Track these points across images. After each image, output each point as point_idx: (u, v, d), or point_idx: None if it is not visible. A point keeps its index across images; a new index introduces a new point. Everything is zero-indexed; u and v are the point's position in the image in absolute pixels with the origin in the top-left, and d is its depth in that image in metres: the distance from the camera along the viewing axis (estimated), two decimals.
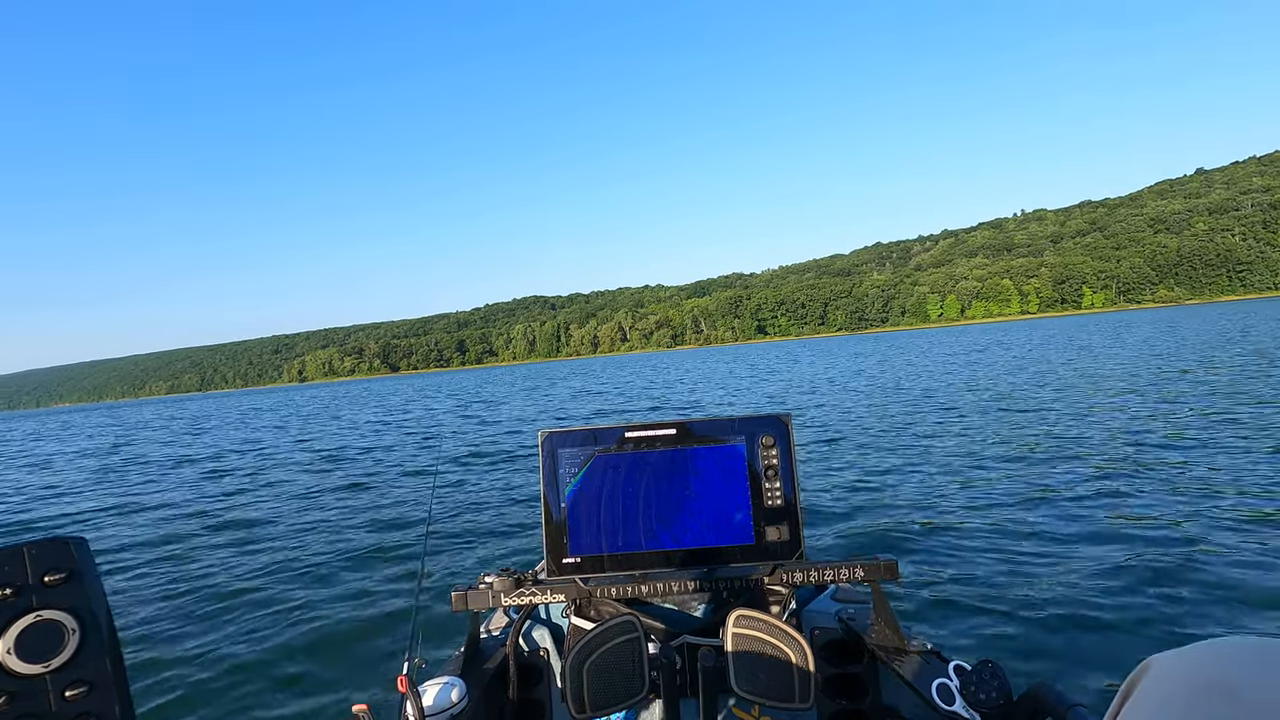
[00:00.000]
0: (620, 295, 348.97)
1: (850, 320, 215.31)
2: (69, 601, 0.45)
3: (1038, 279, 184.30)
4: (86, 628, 0.45)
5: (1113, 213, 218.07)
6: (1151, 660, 0.47)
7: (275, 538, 6.98)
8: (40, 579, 0.44)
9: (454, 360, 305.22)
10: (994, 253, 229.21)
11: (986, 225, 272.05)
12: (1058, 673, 3.06)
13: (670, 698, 1.22)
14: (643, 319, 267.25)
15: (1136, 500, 5.66)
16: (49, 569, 0.44)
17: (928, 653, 1.39)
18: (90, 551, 0.46)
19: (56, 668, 0.44)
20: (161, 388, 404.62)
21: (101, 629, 0.46)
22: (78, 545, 0.46)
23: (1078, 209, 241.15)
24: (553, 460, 1.41)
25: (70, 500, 11.27)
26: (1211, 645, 0.45)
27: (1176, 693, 0.43)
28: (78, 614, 0.45)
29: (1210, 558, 4.21)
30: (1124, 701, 0.47)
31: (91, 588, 0.46)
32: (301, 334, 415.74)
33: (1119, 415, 10.20)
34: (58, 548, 0.45)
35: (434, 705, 1.27)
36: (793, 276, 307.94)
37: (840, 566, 1.41)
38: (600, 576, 1.42)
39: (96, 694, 0.44)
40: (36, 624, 0.43)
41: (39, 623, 0.44)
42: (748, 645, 1.16)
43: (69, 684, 0.44)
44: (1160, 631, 3.36)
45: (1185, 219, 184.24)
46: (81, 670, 0.44)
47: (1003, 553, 4.68)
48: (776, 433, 1.42)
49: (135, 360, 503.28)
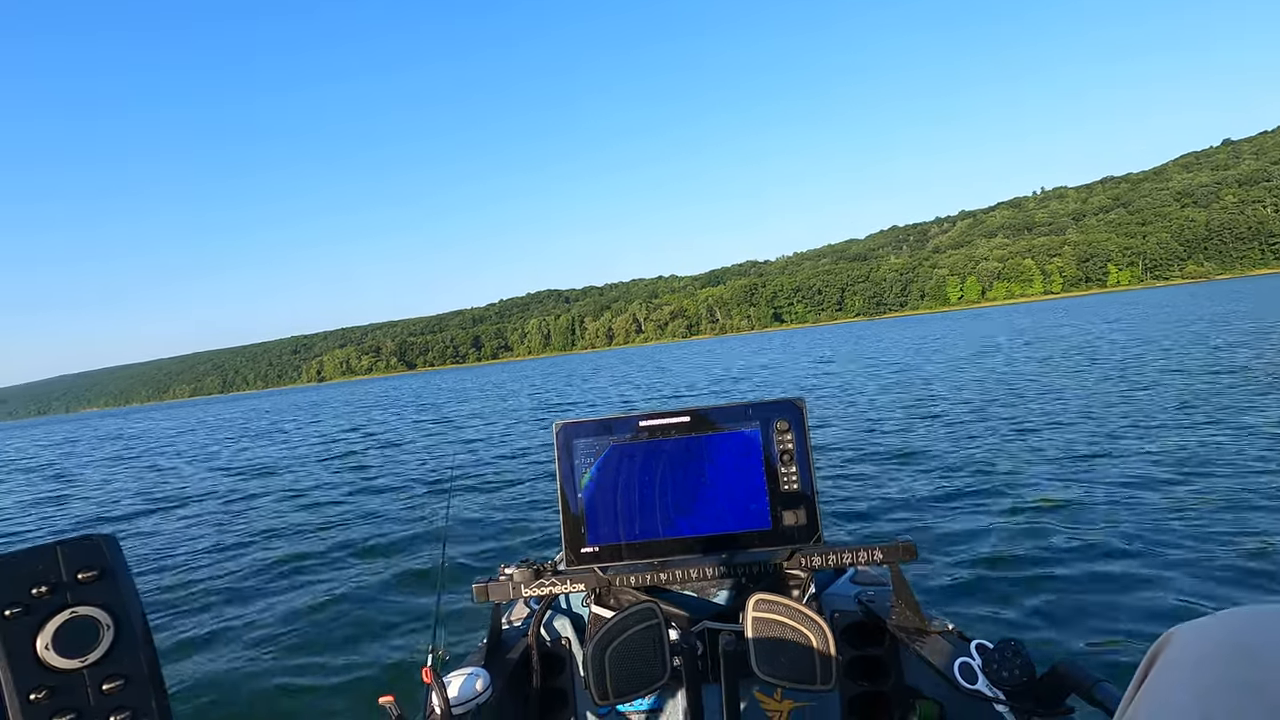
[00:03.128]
0: (634, 286, 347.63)
1: (868, 305, 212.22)
2: (102, 598, 0.45)
3: (1061, 258, 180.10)
4: (120, 623, 0.46)
5: (1136, 187, 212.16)
6: (1174, 630, 0.47)
7: (295, 536, 6.97)
8: (74, 576, 0.45)
9: (470, 356, 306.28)
10: (1014, 232, 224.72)
11: (1005, 205, 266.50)
12: (1081, 651, 3.06)
13: (692, 683, 1.22)
14: (657, 310, 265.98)
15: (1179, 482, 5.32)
16: (82, 567, 0.45)
17: (949, 633, 1.38)
18: (121, 549, 0.47)
19: (93, 662, 0.44)
20: (185, 390, 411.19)
21: (135, 624, 0.46)
22: (109, 543, 0.47)
23: (1100, 185, 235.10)
24: (568, 451, 1.41)
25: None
26: (1234, 613, 0.44)
27: (1200, 660, 0.43)
28: (111, 610, 0.45)
29: (1250, 539, 4.00)
30: (1147, 672, 0.47)
31: (124, 584, 0.46)
32: (320, 334, 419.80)
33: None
34: (90, 546, 0.45)
35: (459, 695, 1.27)
36: (808, 263, 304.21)
37: (858, 549, 1.40)
38: (619, 565, 1.42)
39: (133, 687, 0.45)
40: (72, 620, 0.44)
41: (75, 619, 0.44)
42: (768, 629, 1.16)
43: (105, 678, 0.44)
44: (1186, 610, 3.32)
45: (1213, 191, 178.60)
46: (117, 665, 0.45)
47: (1026, 532, 4.59)
48: (791, 417, 1.41)
49: (158, 364, 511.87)
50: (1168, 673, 0.45)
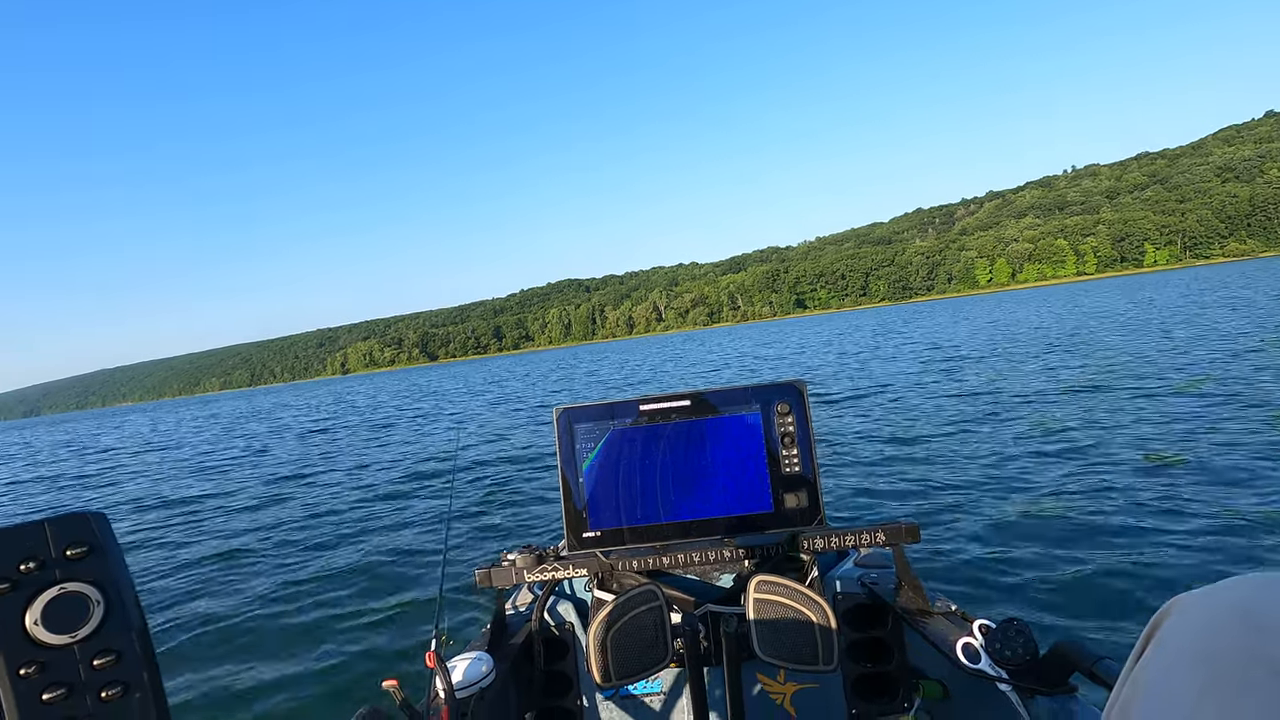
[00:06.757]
0: (654, 275, 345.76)
1: (893, 290, 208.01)
2: (92, 574, 0.45)
3: (1094, 237, 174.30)
4: (110, 600, 0.46)
5: (1174, 163, 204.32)
6: (1176, 600, 0.46)
7: (300, 523, 6.89)
8: (62, 553, 0.45)
9: (491, 347, 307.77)
10: (1044, 212, 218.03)
11: (1034, 184, 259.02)
12: (1084, 629, 3.07)
13: (695, 665, 1.22)
14: (678, 298, 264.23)
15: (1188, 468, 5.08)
16: (70, 543, 0.45)
17: (952, 613, 1.38)
18: (110, 526, 0.47)
19: (83, 638, 0.45)
20: (215, 384, 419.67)
21: (126, 601, 0.46)
22: (97, 519, 0.47)
23: (1134, 162, 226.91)
24: (570, 436, 1.41)
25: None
26: (1236, 580, 0.44)
27: (1203, 628, 0.42)
28: (101, 586, 0.46)
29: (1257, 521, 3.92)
30: (1148, 641, 0.46)
31: (113, 561, 0.46)
32: (344, 326, 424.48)
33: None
34: (78, 522, 0.46)
35: (463, 680, 1.29)
36: (830, 247, 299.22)
37: (861, 531, 1.40)
38: (621, 549, 1.42)
39: (125, 663, 0.45)
40: (61, 596, 0.44)
41: (64, 595, 0.44)
42: (770, 610, 1.16)
43: (96, 653, 0.45)
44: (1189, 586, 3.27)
45: (1256, 165, 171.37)
46: (108, 640, 0.45)
47: (1029, 513, 4.54)
48: (792, 400, 1.41)
49: (189, 359, 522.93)
50: (1171, 640, 0.44)
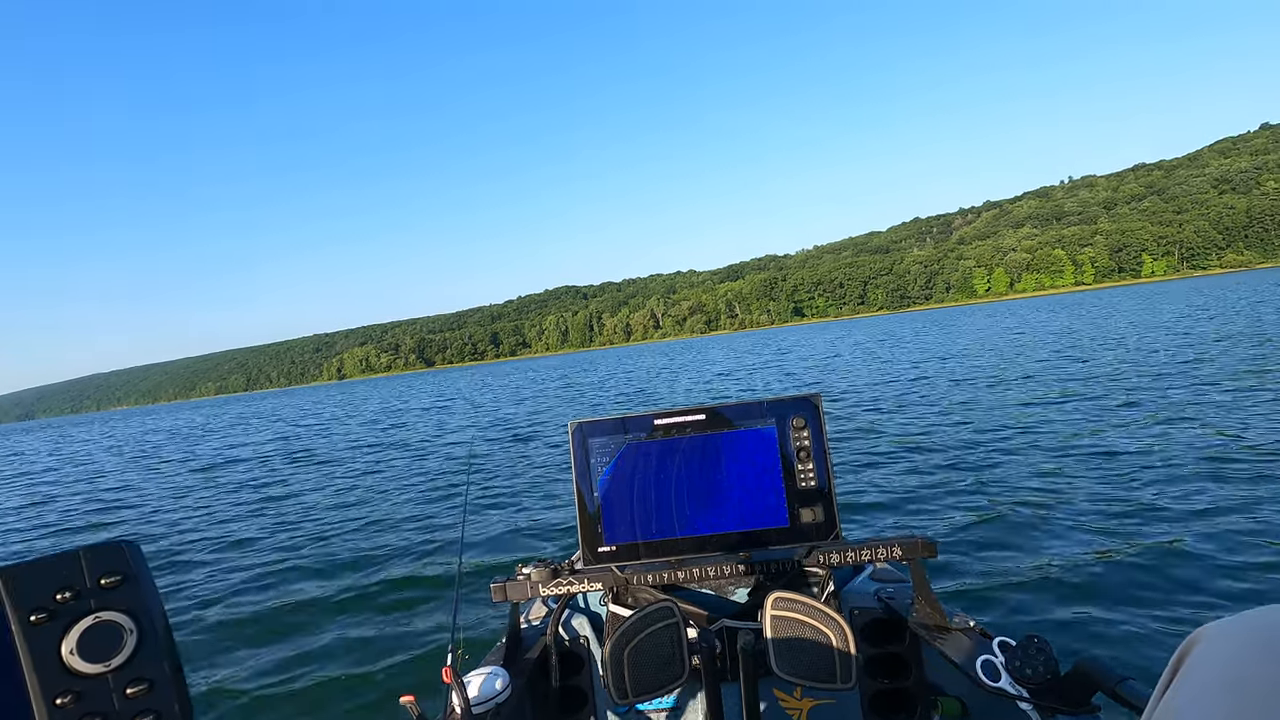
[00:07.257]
0: (652, 282, 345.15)
1: (891, 299, 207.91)
2: (125, 603, 0.46)
3: (1092, 248, 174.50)
4: (143, 628, 0.46)
5: (1170, 175, 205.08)
6: (1203, 629, 0.46)
7: (313, 541, 6.74)
8: (97, 582, 0.45)
9: (488, 353, 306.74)
10: (1042, 222, 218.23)
11: (1032, 194, 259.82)
12: (1106, 649, 2.99)
13: (711, 682, 1.21)
14: (675, 305, 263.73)
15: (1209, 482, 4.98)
16: (104, 572, 0.45)
17: (971, 630, 1.36)
18: (143, 554, 0.48)
19: (117, 667, 0.45)
20: (210, 389, 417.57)
21: (157, 628, 0.47)
22: (131, 548, 0.47)
23: (1131, 173, 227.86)
24: (584, 450, 1.41)
25: None
26: (1264, 610, 0.43)
27: (1231, 656, 0.42)
28: (134, 614, 0.46)
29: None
30: (1175, 670, 0.46)
31: (146, 589, 0.47)
32: (341, 332, 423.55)
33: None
34: (112, 551, 0.46)
35: (479, 695, 1.28)
36: (828, 256, 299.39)
37: (877, 546, 1.38)
38: (636, 564, 1.41)
39: (156, 691, 0.45)
40: (96, 625, 0.45)
41: (98, 624, 0.45)
42: (787, 627, 1.15)
43: (129, 682, 0.45)
44: (1216, 611, 3.19)
45: (1253, 177, 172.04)
46: (141, 668, 0.45)
47: (1050, 528, 4.49)
48: (807, 414, 1.40)
49: (185, 363, 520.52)
50: (1198, 671, 0.44)
